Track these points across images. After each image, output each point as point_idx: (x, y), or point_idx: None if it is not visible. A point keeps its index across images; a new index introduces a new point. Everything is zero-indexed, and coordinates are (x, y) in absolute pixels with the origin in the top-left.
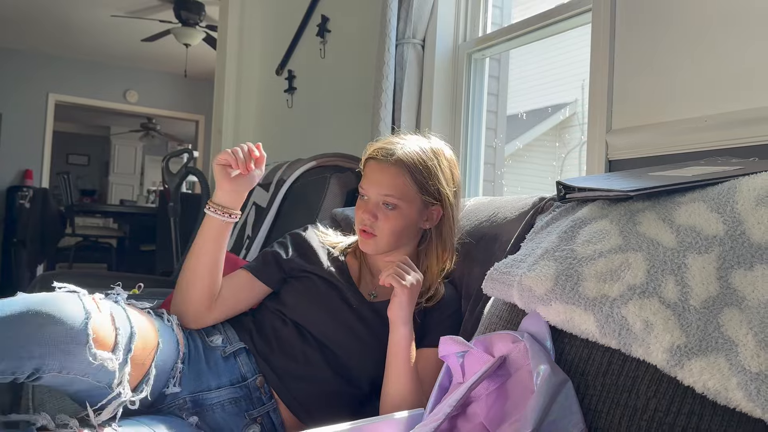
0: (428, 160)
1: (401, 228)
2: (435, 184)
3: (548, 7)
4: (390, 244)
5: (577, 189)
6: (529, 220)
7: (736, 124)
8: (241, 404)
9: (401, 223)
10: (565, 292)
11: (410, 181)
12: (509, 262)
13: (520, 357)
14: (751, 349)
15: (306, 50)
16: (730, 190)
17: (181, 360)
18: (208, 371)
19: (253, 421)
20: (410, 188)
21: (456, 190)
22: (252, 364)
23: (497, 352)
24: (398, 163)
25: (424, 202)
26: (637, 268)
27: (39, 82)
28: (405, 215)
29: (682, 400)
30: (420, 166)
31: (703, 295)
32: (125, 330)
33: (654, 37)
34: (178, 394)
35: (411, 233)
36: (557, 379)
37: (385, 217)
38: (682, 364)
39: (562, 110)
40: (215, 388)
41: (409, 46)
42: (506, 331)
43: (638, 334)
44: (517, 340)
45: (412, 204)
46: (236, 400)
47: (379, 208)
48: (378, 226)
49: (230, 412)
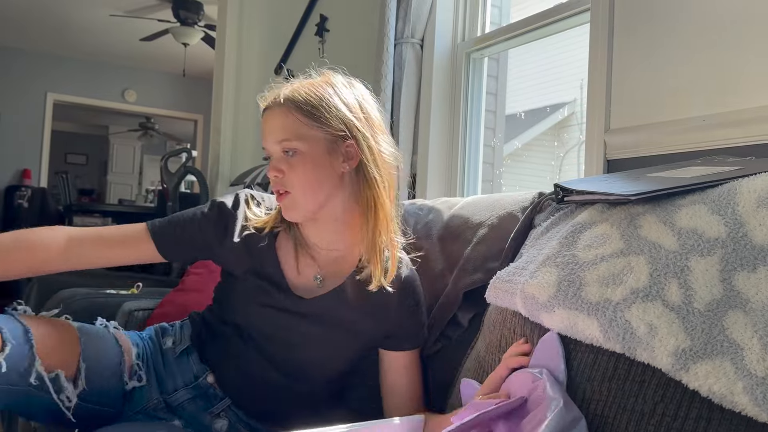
0: (318, 88)
1: (313, 174)
2: (333, 112)
3: (547, 7)
4: (309, 197)
5: (575, 192)
6: (528, 215)
7: (734, 123)
8: (199, 403)
9: (310, 167)
10: (567, 298)
11: (300, 116)
12: (511, 270)
13: (539, 395)
14: (757, 352)
15: (305, 50)
16: (730, 192)
17: (136, 356)
18: (166, 374)
19: (217, 416)
20: (303, 123)
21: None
22: (200, 364)
23: (518, 393)
24: (285, 102)
25: (330, 137)
26: (639, 272)
27: (37, 81)
28: (311, 157)
29: (689, 405)
30: (309, 96)
31: (706, 297)
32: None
33: (652, 36)
34: (151, 395)
35: (330, 179)
36: (570, 416)
37: (289, 166)
38: (688, 368)
39: (560, 110)
40: (173, 392)
41: (407, 45)
42: (525, 370)
43: (642, 338)
44: (536, 380)
45: (314, 142)
46: (193, 400)
47: (281, 160)
48: (287, 180)
49: (191, 411)
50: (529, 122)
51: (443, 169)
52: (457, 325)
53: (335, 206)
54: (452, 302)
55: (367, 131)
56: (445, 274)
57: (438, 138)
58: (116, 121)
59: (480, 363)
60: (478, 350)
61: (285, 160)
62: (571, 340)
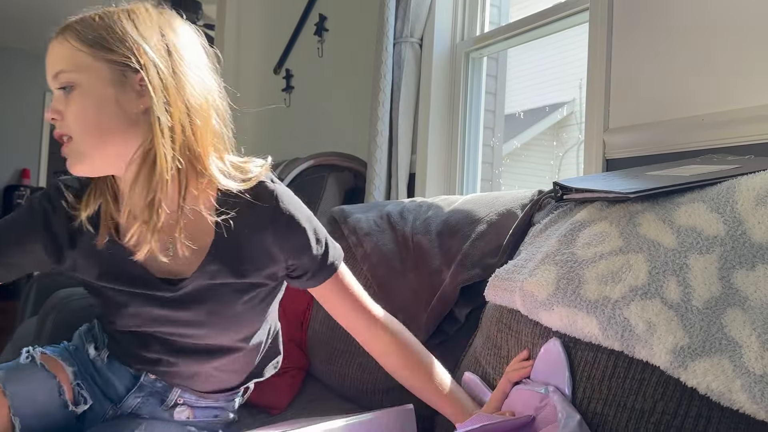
0: (111, 13)
1: (93, 111)
2: (118, 35)
3: (546, 6)
4: (89, 142)
5: (574, 190)
6: (528, 212)
7: (732, 122)
8: (151, 399)
9: (89, 103)
10: (566, 296)
11: (77, 42)
12: (510, 268)
13: (550, 414)
14: (755, 350)
15: (304, 49)
16: (729, 190)
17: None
18: (105, 384)
19: (173, 407)
20: (81, 51)
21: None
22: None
23: (525, 411)
24: (63, 30)
25: (114, 66)
26: (638, 270)
27: (36, 81)
28: (89, 91)
29: (689, 403)
30: (89, 21)
31: (705, 295)
32: None
33: (651, 36)
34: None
35: (117, 119)
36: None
37: (66, 105)
38: (686, 366)
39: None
40: (120, 400)
41: (406, 45)
42: (527, 387)
43: (641, 336)
44: (544, 398)
45: (93, 73)
46: (146, 400)
47: (59, 99)
48: (66, 123)
49: (149, 411)
50: (528, 122)
51: (442, 168)
52: (454, 321)
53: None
54: (450, 297)
55: (161, 62)
56: (443, 269)
57: (437, 137)
58: None
59: (477, 360)
60: (475, 347)
61: (62, 98)
62: (570, 338)
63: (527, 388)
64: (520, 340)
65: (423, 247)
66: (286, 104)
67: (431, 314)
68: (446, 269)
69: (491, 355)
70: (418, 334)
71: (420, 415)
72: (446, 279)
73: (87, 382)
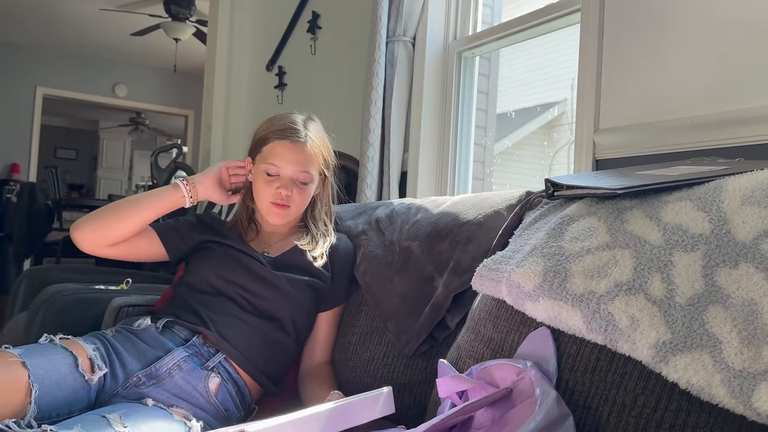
0: (328, 141)
1: (308, 200)
2: (329, 161)
3: (538, 7)
4: (299, 212)
5: (565, 186)
6: (518, 213)
7: (722, 124)
8: (195, 360)
9: (309, 196)
10: (553, 289)
11: (319, 159)
12: (498, 259)
13: (526, 388)
14: (735, 346)
15: (296, 46)
16: (716, 189)
17: (93, 351)
18: (150, 347)
19: (211, 371)
20: (319, 168)
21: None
22: (185, 330)
23: (502, 384)
24: (312, 146)
25: (322, 176)
26: (624, 265)
27: (27, 75)
28: (311, 189)
29: (669, 397)
30: (325, 149)
31: (688, 292)
32: None
33: (642, 37)
34: (127, 375)
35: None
36: (558, 412)
37: (299, 191)
38: (667, 360)
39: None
40: (165, 354)
41: (399, 43)
42: (507, 361)
43: (624, 330)
44: (521, 372)
45: (316, 180)
46: (189, 357)
47: (294, 183)
48: (292, 199)
49: (187, 369)
50: (519, 121)
51: (434, 167)
52: (444, 328)
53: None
54: (442, 306)
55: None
56: (434, 275)
57: (429, 136)
58: (106, 116)
59: (458, 348)
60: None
61: (297, 185)
62: (554, 330)
63: (507, 362)
64: (499, 326)
65: (413, 253)
66: (279, 101)
67: (423, 321)
68: (438, 276)
69: (468, 338)
70: (408, 341)
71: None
72: (438, 287)
73: (110, 354)
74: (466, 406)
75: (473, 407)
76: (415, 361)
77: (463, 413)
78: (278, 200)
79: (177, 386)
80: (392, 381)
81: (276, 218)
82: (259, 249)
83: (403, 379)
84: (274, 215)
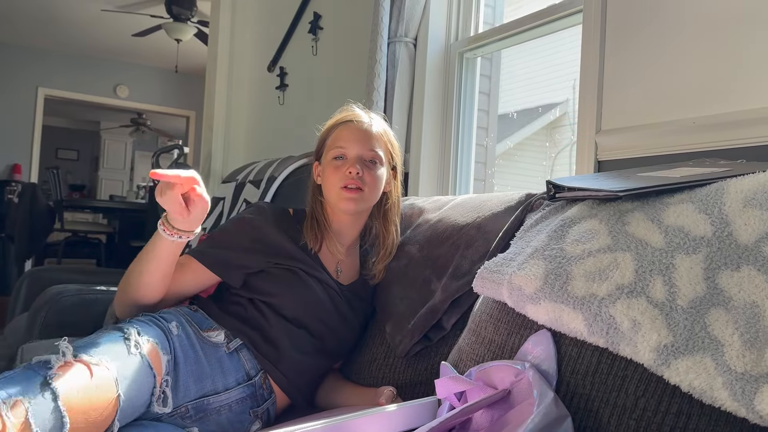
0: (393, 135)
1: (380, 186)
2: (396, 155)
3: (540, 8)
4: (372, 200)
5: (566, 188)
6: (518, 216)
7: (724, 126)
8: (247, 402)
9: (381, 181)
10: (554, 291)
11: (387, 146)
12: (499, 261)
13: (525, 389)
14: (737, 349)
15: (298, 47)
16: (718, 191)
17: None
18: (211, 372)
19: (256, 418)
20: (385, 152)
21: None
22: (254, 360)
23: (500, 385)
24: (378, 129)
25: (392, 168)
26: (625, 268)
27: (28, 76)
28: (382, 175)
29: (670, 400)
30: (390, 138)
31: (690, 295)
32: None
33: (644, 38)
34: (182, 401)
35: (379, 196)
36: (556, 413)
37: (369, 172)
38: (669, 363)
39: (552, 110)
40: (223, 390)
41: (401, 44)
42: (506, 363)
43: (626, 333)
44: (520, 373)
45: (384, 167)
46: (243, 400)
47: (363, 163)
48: (364, 180)
49: (237, 411)
50: (521, 122)
51: (436, 167)
52: (440, 329)
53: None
54: (440, 309)
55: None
56: (432, 279)
57: (430, 137)
58: (108, 116)
59: (459, 350)
60: (459, 343)
61: (367, 164)
62: (555, 333)
63: (506, 363)
64: (500, 329)
65: (413, 257)
66: (280, 102)
67: (418, 323)
68: (436, 280)
69: (470, 341)
70: (401, 341)
71: None
72: (437, 290)
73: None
74: (465, 407)
75: (472, 409)
76: (416, 362)
77: (462, 415)
78: (348, 182)
79: (220, 426)
80: (393, 382)
81: (348, 204)
82: (330, 265)
83: (403, 380)
84: (345, 200)
